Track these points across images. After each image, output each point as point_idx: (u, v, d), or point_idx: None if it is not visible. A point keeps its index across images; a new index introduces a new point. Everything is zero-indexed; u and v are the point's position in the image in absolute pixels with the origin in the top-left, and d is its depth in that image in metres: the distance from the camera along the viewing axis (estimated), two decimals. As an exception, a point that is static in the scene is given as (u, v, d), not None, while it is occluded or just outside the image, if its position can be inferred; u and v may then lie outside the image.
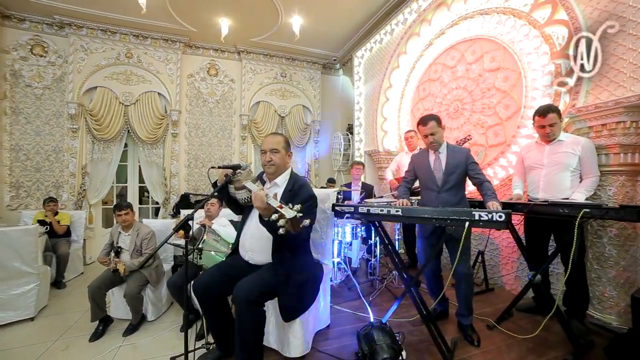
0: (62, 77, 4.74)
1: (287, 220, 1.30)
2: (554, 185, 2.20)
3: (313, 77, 6.48)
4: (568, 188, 2.15)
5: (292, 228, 1.31)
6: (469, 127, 3.45)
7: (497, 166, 3.17)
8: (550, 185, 2.22)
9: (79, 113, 4.68)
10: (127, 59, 4.96)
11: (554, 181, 2.20)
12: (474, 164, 2.14)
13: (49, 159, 4.70)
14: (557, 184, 2.19)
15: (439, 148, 2.19)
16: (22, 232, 2.95)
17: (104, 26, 4.78)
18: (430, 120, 2.14)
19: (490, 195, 1.98)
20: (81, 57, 4.71)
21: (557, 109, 2.17)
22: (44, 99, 4.69)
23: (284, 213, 1.31)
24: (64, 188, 4.70)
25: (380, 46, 4.85)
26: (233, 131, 5.95)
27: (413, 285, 1.92)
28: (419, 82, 4.17)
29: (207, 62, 5.70)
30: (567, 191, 2.15)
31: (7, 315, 2.73)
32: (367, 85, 5.30)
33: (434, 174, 2.19)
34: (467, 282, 2.10)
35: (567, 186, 2.16)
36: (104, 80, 4.81)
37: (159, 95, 5.18)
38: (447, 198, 2.13)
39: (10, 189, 4.59)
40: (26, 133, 4.63)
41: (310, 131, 6.53)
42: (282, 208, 1.36)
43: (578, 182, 2.18)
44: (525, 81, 2.91)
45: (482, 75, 3.29)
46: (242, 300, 1.53)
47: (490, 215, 1.54)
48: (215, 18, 4.73)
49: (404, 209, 1.80)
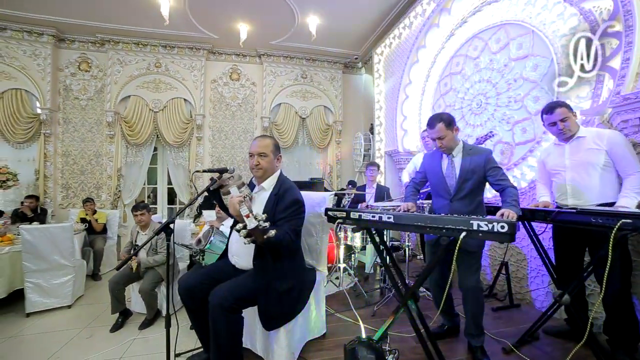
0: (102, 88, 5.23)
1: (248, 230, 1.25)
2: (582, 190, 1.88)
3: (334, 77, 6.38)
4: (600, 191, 1.83)
5: (256, 238, 1.26)
6: (494, 123, 3.11)
7: (524, 166, 2.82)
8: (578, 190, 1.90)
9: (115, 120, 5.13)
10: (156, 69, 5.32)
11: (582, 185, 1.88)
12: (495, 169, 1.84)
13: (91, 162, 5.20)
14: (586, 188, 1.87)
15: (453, 152, 1.94)
16: (60, 229, 3.26)
17: (136, 40, 5.18)
18: (437, 123, 1.87)
19: (509, 203, 1.69)
20: (117, 69, 5.16)
21: (565, 104, 1.91)
22: (88, 109, 5.21)
23: (247, 223, 1.28)
24: (103, 189, 5.17)
25: (399, 41, 4.61)
26: (255, 133, 6.07)
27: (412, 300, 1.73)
28: (440, 77, 3.88)
29: (229, 67, 5.90)
30: (602, 194, 1.82)
31: (50, 301, 3.04)
32: (387, 82, 5.07)
33: (445, 180, 1.95)
34: (474, 297, 1.86)
35: (598, 189, 1.83)
36: (136, 89, 5.21)
37: (184, 101, 5.48)
38: (460, 207, 1.89)
39: (62, 190, 5.16)
40: (74, 140, 5.18)
41: (332, 132, 6.44)
42: (248, 217, 1.33)
43: (614, 183, 1.83)
44: (558, 68, 2.54)
45: (508, 65, 2.95)
46: (216, 307, 1.51)
47: (491, 226, 1.31)
48: (234, 24, 4.86)
49: (396, 216, 1.64)
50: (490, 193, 2.98)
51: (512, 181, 2.90)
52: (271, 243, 1.54)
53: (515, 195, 1.73)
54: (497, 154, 3.08)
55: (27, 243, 2.94)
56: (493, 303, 2.73)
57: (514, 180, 2.91)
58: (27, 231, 2.96)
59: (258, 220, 1.31)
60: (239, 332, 1.58)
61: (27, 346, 2.36)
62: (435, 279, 2.09)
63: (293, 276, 1.75)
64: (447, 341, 2.15)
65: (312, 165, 6.49)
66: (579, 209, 1.74)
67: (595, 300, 2.20)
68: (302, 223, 1.76)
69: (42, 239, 3.03)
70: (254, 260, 1.67)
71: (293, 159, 6.45)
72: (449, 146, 1.90)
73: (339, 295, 2.98)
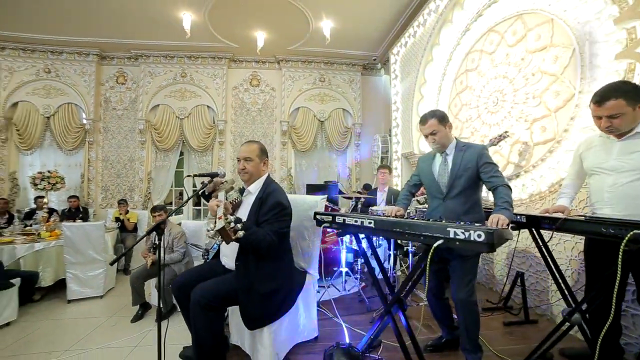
0: (135, 99, 5.72)
1: (215, 231, 1.32)
2: (625, 200, 1.52)
3: (353, 79, 6.34)
4: None
5: (223, 238, 1.31)
6: (511, 121, 2.88)
7: (544, 168, 2.57)
8: (619, 199, 1.54)
9: (146, 128, 5.58)
10: (182, 78, 5.70)
11: (627, 194, 1.51)
12: (488, 164, 1.71)
13: (125, 166, 5.70)
14: (631, 199, 1.50)
15: (446, 149, 1.84)
16: (93, 227, 3.61)
17: (164, 52, 5.60)
18: (430, 118, 1.79)
19: (500, 206, 1.55)
20: (148, 80, 5.62)
21: (624, 91, 1.44)
22: (123, 118, 5.74)
23: (217, 224, 1.34)
24: (135, 191, 5.63)
25: (414, 40, 4.46)
26: (274, 137, 6.23)
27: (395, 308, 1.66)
28: (455, 75, 3.68)
29: (249, 74, 6.13)
30: None
31: (85, 291, 3.39)
32: (403, 83, 4.93)
33: (438, 179, 1.85)
34: (466, 310, 1.73)
35: None
36: (164, 98, 5.62)
37: (207, 107, 5.80)
38: (453, 207, 1.78)
39: (102, 192, 5.72)
40: (111, 146, 5.73)
41: (351, 134, 6.40)
42: (220, 219, 1.39)
43: None
44: (581, 59, 2.29)
45: (525, 59, 2.72)
46: (195, 304, 1.58)
47: (467, 234, 1.22)
48: (252, 32, 5.05)
49: (376, 221, 1.58)
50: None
51: (530, 185, 2.71)
52: (249, 243, 1.59)
53: (507, 196, 1.58)
54: (514, 155, 2.85)
55: (67, 238, 3.31)
56: (506, 317, 2.51)
57: (532, 184, 2.68)
58: (67, 228, 3.34)
59: (228, 221, 1.37)
60: (218, 330, 1.63)
61: (64, 329, 2.66)
62: (430, 287, 1.97)
63: (278, 278, 1.77)
64: (445, 354, 2.02)
65: (330, 168, 6.49)
66: (588, 217, 1.55)
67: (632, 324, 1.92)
68: (285, 225, 1.77)
69: (79, 235, 3.38)
70: (236, 260, 1.72)
71: (312, 162, 6.50)
72: (442, 142, 1.81)
73: (343, 299, 2.95)
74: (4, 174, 5.57)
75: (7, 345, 2.35)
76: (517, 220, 1.85)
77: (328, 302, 2.76)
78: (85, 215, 5.04)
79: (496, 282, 3.09)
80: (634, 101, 1.43)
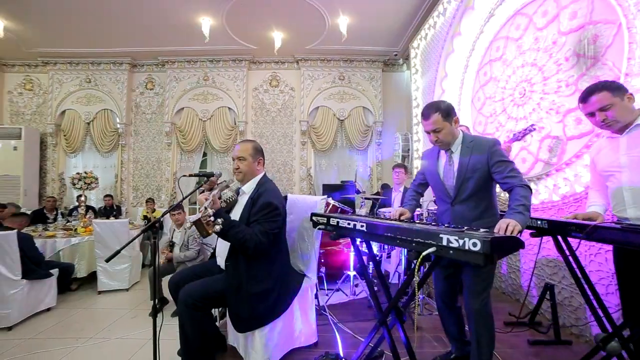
0: (162, 103, 6.04)
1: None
2: None
3: (373, 76, 6.14)
4: None
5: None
6: (540, 114, 2.57)
7: (579, 166, 2.24)
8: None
9: (171, 130, 5.86)
10: (205, 82, 5.90)
11: None
12: (501, 163, 1.49)
13: (154, 167, 6.03)
14: None
15: (451, 147, 1.63)
16: (119, 224, 3.84)
17: (188, 58, 5.84)
18: (433, 113, 1.56)
19: (514, 209, 1.35)
20: (173, 85, 5.89)
21: (607, 86, 1.44)
22: (152, 122, 6.08)
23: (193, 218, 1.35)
24: (162, 190, 5.93)
25: (434, 32, 4.18)
26: (294, 137, 6.22)
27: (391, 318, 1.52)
28: (479, 66, 3.38)
29: (269, 75, 6.18)
30: None
31: (113, 283, 3.62)
32: (424, 77, 4.65)
33: (443, 181, 1.66)
34: (479, 322, 1.52)
35: None
36: (188, 101, 5.86)
37: (229, 109, 5.94)
38: (462, 212, 1.59)
39: (133, 191, 6.11)
40: (141, 148, 6.09)
41: (372, 133, 6.20)
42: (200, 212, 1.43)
43: None
44: (629, 35, 1.95)
45: (557, 42, 2.40)
46: (181, 303, 1.57)
47: (462, 242, 1.05)
48: (269, 33, 5.08)
49: (368, 224, 1.46)
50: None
51: (563, 185, 2.38)
52: (236, 241, 1.58)
53: (524, 198, 1.37)
54: (544, 151, 2.54)
55: (97, 234, 3.56)
56: (533, 334, 2.22)
57: (565, 184, 2.36)
58: (97, 224, 3.59)
59: (205, 215, 1.40)
60: (205, 330, 1.60)
61: (92, 318, 2.89)
62: (440, 293, 1.77)
63: (269, 279, 1.71)
64: (454, 373, 1.83)
65: (351, 168, 6.34)
66: (625, 225, 1.30)
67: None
68: (276, 226, 1.71)
69: (107, 231, 3.61)
70: (226, 260, 1.69)
71: (332, 161, 6.40)
72: (445, 141, 1.59)
73: (350, 304, 2.83)
74: (54, 175, 6.16)
75: (47, 327, 2.63)
76: (538, 225, 1.62)
77: (333, 307, 2.66)
78: (118, 213, 5.41)
79: (523, 293, 2.77)
80: (620, 92, 1.42)
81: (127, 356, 2.17)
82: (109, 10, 4.50)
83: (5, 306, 2.60)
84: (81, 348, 2.29)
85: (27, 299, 2.76)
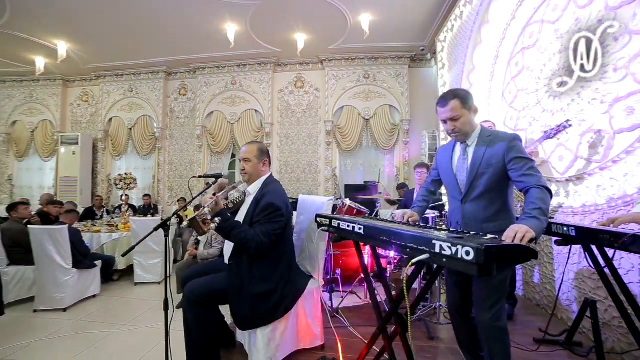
0: (194, 107, 6.39)
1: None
2: None
3: (399, 73, 5.94)
4: None
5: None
6: (581, 105, 2.28)
7: (631, 163, 1.94)
8: None
9: (202, 133, 6.17)
10: (232, 86, 6.14)
11: None
12: (519, 160, 1.34)
13: (186, 168, 6.41)
14: None
15: (467, 139, 1.51)
16: (152, 222, 4.13)
17: (217, 64, 6.12)
18: (452, 99, 1.44)
19: (528, 213, 1.20)
20: (204, 90, 6.20)
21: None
22: (185, 126, 6.48)
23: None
24: (194, 190, 6.26)
25: (460, 22, 3.92)
26: (319, 138, 6.23)
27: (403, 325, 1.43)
28: (510, 55, 3.11)
29: (294, 76, 6.26)
30: None
31: (147, 276, 3.93)
32: (450, 72, 4.39)
33: (456, 176, 1.55)
34: (491, 338, 1.38)
35: None
36: (218, 105, 6.14)
37: (255, 111, 6.12)
38: (473, 212, 1.47)
39: (168, 191, 6.54)
40: (175, 151, 6.51)
41: (399, 132, 6.00)
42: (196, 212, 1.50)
43: None
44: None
45: (604, 20, 2.11)
46: (185, 299, 1.64)
47: (455, 249, 0.95)
48: (292, 35, 5.14)
49: (366, 227, 1.39)
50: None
51: (609, 186, 2.08)
52: (238, 241, 1.62)
53: (541, 201, 1.21)
54: (584, 147, 2.25)
55: (133, 230, 3.91)
56: (570, 356, 1.97)
57: (612, 185, 2.07)
58: (133, 221, 3.94)
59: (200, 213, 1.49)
60: (208, 326, 1.64)
61: (128, 307, 3.16)
62: (452, 302, 1.65)
63: (271, 280, 1.72)
64: (469, 390, 1.68)
65: (377, 168, 6.19)
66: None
67: None
68: (278, 227, 1.71)
69: (142, 228, 3.90)
70: (230, 259, 1.72)
71: (357, 161, 6.31)
72: (463, 130, 1.46)
73: (363, 308, 2.76)
74: (103, 176, 6.82)
75: (92, 312, 2.99)
76: (564, 232, 1.43)
77: (347, 310, 2.61)
78: (155, 211, 5.83)
79: (561, 308, 2.49)
80: None
81: (153, 344, 2.33)
82: (147, 26, 4.90)
83: (60, 290, 3.01)
84: (116, 332, 2.54)
85: (77, 286, 3.15)
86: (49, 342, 2.38)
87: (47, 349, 2.28)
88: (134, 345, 2.31)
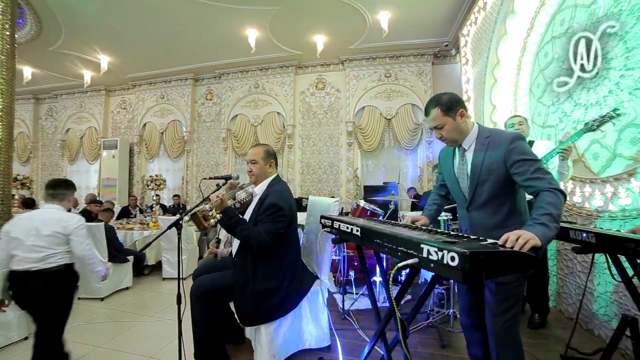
0: (219, 111, 6.68)
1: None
2: None
3: (422, 70, 5.75)
4: None
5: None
6: (620, 97, 2.06)
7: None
8: None
9: (227, 136, 6.42)
10: (255, 89, 6.33)
11: None
12: (522, 162, 1.23)
13: (212, 170, 6.71)
14: None
15: (462, 144, 1.41)
16: (178, 220, 4.37)
17: (240, 68, 6.33)
18: (432, 108, 1.37)
19: (536, 219, 1.09)
20: (228, 95, 6.46)
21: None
22: (211, 129, 6.78)
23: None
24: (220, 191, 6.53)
25: (484, 14, 3.70)
26: (340, 138, 6.22)
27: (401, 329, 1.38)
28: (538, 46, 2.88)
29: (315, 78, 6.30)
30: None
31: (174, 272, 4.15)
32: (474, 67, 4.16)
33: (458, 182, 1.46)
34: (501, 349, 1.29)
35: None
36: (241, 108, 6.35)
37: (277, 114, 6.25)
38: (481, 219, 1.38)
39: (196, 191, 6.87)
40: (202, 153, 6.84)
41: (422, 131, 5.81)
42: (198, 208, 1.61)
43: None
44: None
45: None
46: (192, 294, 1.71)
47: (441, 255, 0.88)
48: (311, 37, 5.19)
49: (363, 229, 1.36)
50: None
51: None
52: (242, 238, 1.69)
53: (551, 205, 1.10)
54: (624, 144, 2.02)
55: (161, 228, 4.13)
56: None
57: (653, 188, 1.84)
58: (162, 220, 4.19)
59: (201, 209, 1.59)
60: (213, 321, 1.70)
61: (156, 300, 3.40)
62: (463, 307, 1.55)
63: (275, 278, 1.75)
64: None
65: (399, 169, 6.04)
66: None
67: None
68: (281, 227, 1.73)
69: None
70: (234, 257, 1.78)
71: (379, 162, 6.20)
72: (451, 137, 1.38)
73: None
74: (138, 178, 7.34)
75: (124, 303, 3.25)
76: (584, 239, 1.30)
77: (358, 312, 2.58)
78: (183, 211, 6.17)
79: (597, 323, 2.25)
80: None
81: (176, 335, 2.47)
82: (176, 37, 5.24)
83: (99, 281, 3.30)
84: (144, 323, 2.75)
85: (112, 278, 3.42)
86: (89, 327, 2.65)
87: (88, 333, 2.53)
88: (159, 334, 2.47)
